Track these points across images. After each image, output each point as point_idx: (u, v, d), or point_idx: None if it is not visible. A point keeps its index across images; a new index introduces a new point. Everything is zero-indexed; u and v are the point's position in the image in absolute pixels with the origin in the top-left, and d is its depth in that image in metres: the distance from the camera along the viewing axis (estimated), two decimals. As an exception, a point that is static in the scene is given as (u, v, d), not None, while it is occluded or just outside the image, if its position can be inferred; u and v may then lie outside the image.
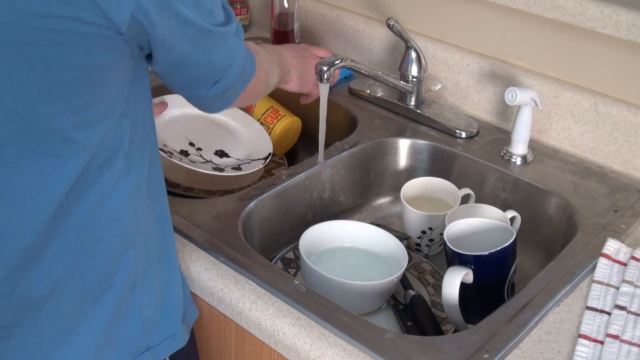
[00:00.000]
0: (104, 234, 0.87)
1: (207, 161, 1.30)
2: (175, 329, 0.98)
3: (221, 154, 1.32)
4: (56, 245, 0.84)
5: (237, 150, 1.35)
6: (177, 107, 1.34)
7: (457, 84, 1.42)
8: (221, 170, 1.27)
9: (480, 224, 1.09)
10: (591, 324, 0.94)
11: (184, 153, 1.29)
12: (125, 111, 0.85)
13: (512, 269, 1.05)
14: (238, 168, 1.29)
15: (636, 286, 0.99)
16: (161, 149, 1.21)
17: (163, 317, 0.96)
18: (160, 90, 1.25)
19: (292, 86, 1.25)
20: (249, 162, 1.31)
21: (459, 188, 1.23)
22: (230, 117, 1.40)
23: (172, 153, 1.26)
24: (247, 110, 1.44)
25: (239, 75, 0.92)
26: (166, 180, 1.28)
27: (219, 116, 1.38)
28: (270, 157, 1.33)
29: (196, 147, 1.32)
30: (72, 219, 0.84)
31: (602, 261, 1.04)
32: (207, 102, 0.95)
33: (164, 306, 0.96)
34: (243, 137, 1.38)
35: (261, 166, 1.30)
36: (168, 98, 1.34)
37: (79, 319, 0.89)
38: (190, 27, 0.82)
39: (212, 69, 0.89)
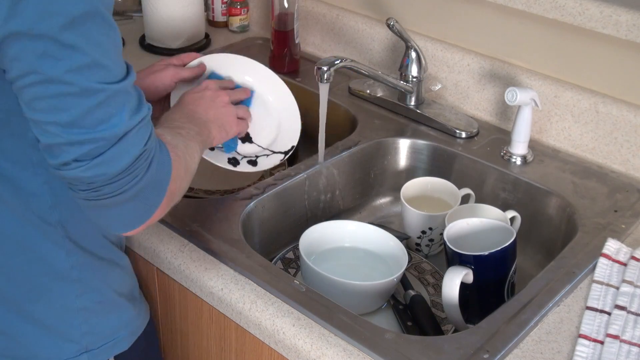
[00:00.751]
0: (28, 234, 0.89)
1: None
2: (116, 334, 0.99)
3: (245, 137, 1.22)
4: None
5: (263, 134, 1.24)
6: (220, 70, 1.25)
7: (457, 84, 1.42)
8: (236, 163, 1.19)
9: (480, 224, 1.09)
10: (591, 324, 0.94)
11: None
12: None
13: (512, 269, 1.05)
14: (254, 162, 1.21)
15: (636, 286, 0.99)
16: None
17: (105, 322, 0.98)
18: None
19: (217, 141, 1.11)
20: (267, 155, 1.23)
21: (459, 188, 1.23)
22: (266, 85, 1.28)
23: None
24: None
25: (133, 164, 0.79)
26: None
27: (262, 86, 1.27)
28: (292, 151, 1.24)
29: None
30: None
31: (602, 261, 1.04)
32: (104, 208, 0.81)
33: (105, 311, 0.97)
34: (275, 114, 1.27)
35: (279, 162, 1.23)
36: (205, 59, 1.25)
37: (13, 310, 0.92)
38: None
39: (72, 126, 0.76)
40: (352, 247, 1.16)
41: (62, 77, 0.73)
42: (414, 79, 1.38)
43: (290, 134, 1.26)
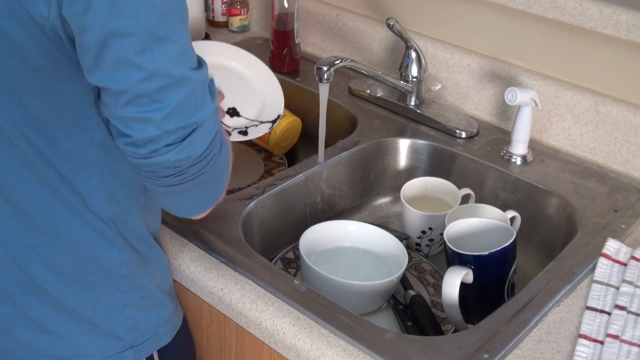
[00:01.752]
0: (81, 231, 0.89)
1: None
2: (158, 329, 0.99)
3: (233, 112, 1.26)
4: (31, 239, 0.89)
5: (249, 107, 1.28)
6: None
7: (457, 84, 1.42)
8: (228, 134, 1.19)
9: (480, 224, 1.09)
10: (591, 324, 0.94)
11: None
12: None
13: (512, 269, 1.05)
14: (244, 132, 1.24)
15: (636, 286, 0.99)
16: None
17: (148, 317, 0.98)
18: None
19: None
20: (256, 125, 1.26)
21: (459, 188, 1.23)
22: (246, 67, 1.32)
23: None
24: None
25: (211, 144, 0.83)
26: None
27: (239, 66, 1.31)
28: (279, 119, 1.26)
29: None
30: (48, 214, 0.88)
31: (602, 261, 1.04)
32: (178, 192, 0.85)
33: (150, 307, 0.98)
34: (258, 90, 1.31)
35: (268, 130, 1.25)
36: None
37: (61, 309, 0.92)
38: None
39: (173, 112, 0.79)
40: (352, 247, 1.16)
41: (164, 69, 0.75)
42: (414, 79, 1.38)
43: (275, 104, 1.28)
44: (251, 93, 1.30)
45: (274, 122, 1.26)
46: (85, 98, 0.82)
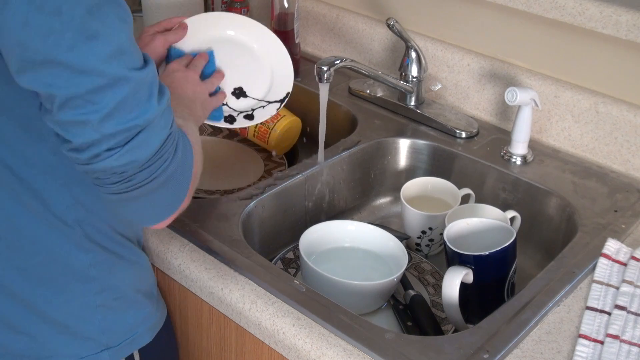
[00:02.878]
0: (45, 234, 0.89)
1: (223, 104, 1.17)
2: (136, 330, 0.99)
3: (239, 92, 1.19)
4: None
5: (256, 85, 1.21)
6: (197, 35, 1.21)
7: (457, 84, 1.42)
8: (233, 120, 1.16)
9: (480, 224, 1.09)
10: (591, 324, 0.94)
11: None
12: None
13: (512, 269, 1.05)
14: (251, 116, 1.18)
15: (636, 286, 0.99)
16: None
17: (123, 318, 0.98)
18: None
19: (203, 119, 1.10)
20: (263, 107, 1.20)
21: (459, 188, 1.23)
22: (254, 39, 1.25)
23: None
24: (242, 132, 1.43)
25: (161, 148, 0.78)
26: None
27: (245, 38, 1.24)
28: (287, 99, 1.21)
29: None
30: (7, 216, 0.87)
31: (602, 261, 1.04)
32: (133, 200, 0.80)
33: (124, 307, 0.97)
34: (266, 65, 1.24)
35: (275, 112, 1.20)
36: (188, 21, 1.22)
37: (33, 310, 0.92)
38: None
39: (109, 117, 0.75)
40: (352, 247, 1.16)
41: (95, 68, 0.71)
42: (414, 79, 1.38)
43: (284, 81, 1.24)
44: (259, 69, 1.23)
45: (282, 101, 1.21)
46: (31, 103, 0.79)
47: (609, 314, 0.96)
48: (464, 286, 1.00)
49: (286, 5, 1.49)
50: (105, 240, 0.94)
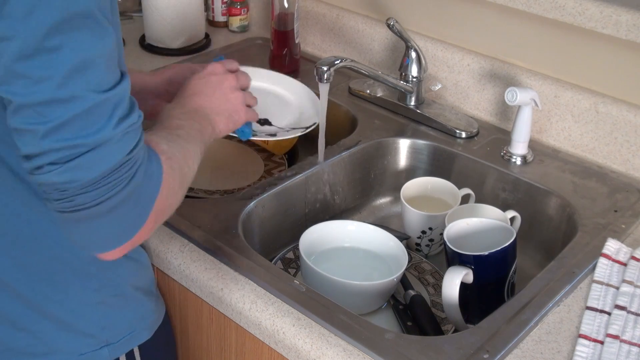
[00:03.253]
0: (43, 231, 0.88)
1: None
2: (135, 326, 0.99)
3: (264, 122, 1.20)
4: None
5: (282, 119, 1.22)
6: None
7: (457, 84, 1.42)
8: (254, 135, 1.15)
9: (480, 224, 1.09)
10: (591, 324, 0.94)
11: None
12: None
13: (512, 269, 1.05)
14: (273, 135, 1.19)
15: (636, 286, 0.99)
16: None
17: (123, 315, 0.98)
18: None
19: (224, 133, 1.03)
20: (287, 130, 1.20)
21: (459, 188, 1.23)
22: (282, 86, 1.28)
23: None
24: None
25: (114, 171, 0.73)
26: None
27: (273, 86, 1.27)
28: (313, 127, 1.21)
29: None
30: (3, 214, 0.87)
31: (602, 261, 1.04)
32: (82, 222, 0.75)
33: (124, 304, 0.97)
34: (294, 106, 1.26)
35: (299, 134, 1.20)
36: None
37: (32, 307, 0.91)
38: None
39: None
40: (352, 247, 1.16)
41: (51, 81, 0.69)
42: (414, 79, 1.38)
43: (310, 114, 1.25)
44: (284, 105, 1.26)
45: (307, 128, 1.21)
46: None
47: (609, 314, 0.96)
48: (464, 286, 1.00)
49: (286, 5, 1.49)
50: None
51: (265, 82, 1.28)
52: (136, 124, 0.76)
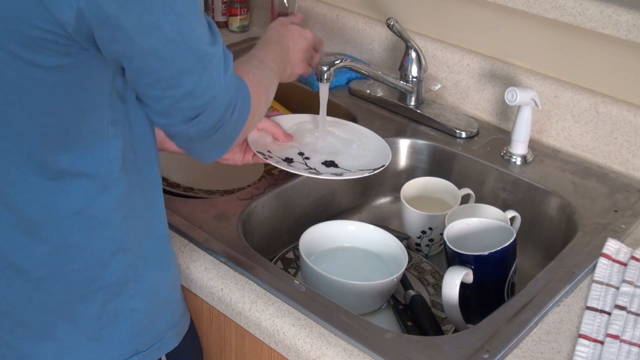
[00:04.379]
0: (89, 237, 0.87)
1: (310, 168, 1.17)
2: (164, 334, 0.98)
3: (329, 164, 1.19)
4: (36, 247, 0.86)
5: (348, 162, 1.20)
6: (291, 122, 1.27)
7: (457, 84, 1.42)
8: (318, 174, 1.16)
9: (480, 224, 1.09)
10: (591, 324, 0.94)
11: (288, 160, 1.17)
12: (114, 121, 0.84)
13: (512, 269, 1.05)
14: (339, 174, 1.17)
15: (636, 286, 0.99)
16: (260, 152, 1.15)
17: (154, 322, 0.96)
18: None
19: (284, 80, 1.17)
20: (354, 172, 1.17)
21: (459, 188, 1.23)
22: (349, 132, 1.27)
23: (271, 157, 1.16)
24: None
25: (224, 113, 0.85)
26: (166, 180, 1.28)
27: (339, 132, 1.27)
28: (381, 169, 1.18)
29: (304, 156, 1.20)
30: (54, 222, 0.85)
31: (602, 261, 1.04)
32: (194, 143, 0.89)
33: (156, 311, 0.96)
34: (361, 151, 1.23)
35: (367, 174, 1.17)
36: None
37: (64, 316, 0.90)
38: (157, 34, 0.75)
39: (187, 97, 0.81)
40: (352, 247, 1.16)
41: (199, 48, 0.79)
42: (414, 79, 1.38)
43: (379, 159, 1.21)
44: (353, 152, 1.23)
45: (374, 170, 1.18)
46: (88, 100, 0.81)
47: (609, 314, 0.96)
48: (464, 286, 1.00)
49: (286, 5, 1.49)
50: (144, 243, 0.92)
51: (335, 128, 1.27)
52: (232, 66, 0.87)
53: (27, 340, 0.91)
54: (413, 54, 1.36)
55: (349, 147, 1.23)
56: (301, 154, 1.20)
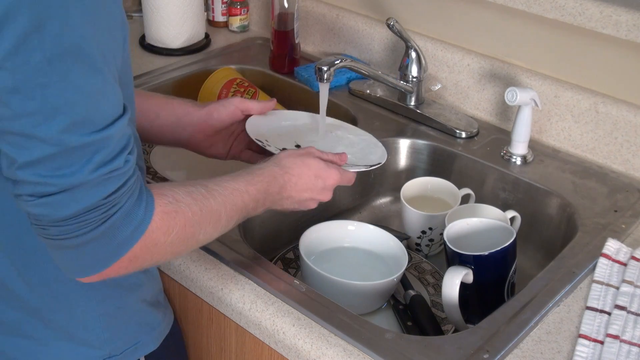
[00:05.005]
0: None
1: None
2: (139, 338, 0.98)
3: None
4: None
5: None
6: (291, 120, 1.24)
7: (457, 84, 1.42)
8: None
9: (480, 224, 1.09)
10: (591, 324, 0.94)
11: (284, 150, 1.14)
12: None
13: (512, 269, 1.05)
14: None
15: (636, 286, 0.99)
16: (259, 140, 1.10)
17: (126, 327, 0.96)
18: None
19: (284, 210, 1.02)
20: (350, 166, 1.12)
21: (459, 188, 1.23)
22: (344, 130, 1.25)
23: (269, 145, 1.11)
24: None
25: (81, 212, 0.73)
26: (165, 180, 1.28)
27: (340, 132, 1.23)
28: (377, 166, 1.14)
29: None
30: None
31: (602, 261, 1.04)
32: (48, 240, 0.76)
33: (127, 316, 0.96)
34: (355, 146, 1.21)
35: (363, 169, 1.13)
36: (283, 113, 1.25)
37: (35, 315, 0.91)
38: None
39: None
40: (352, 247, 1.16)
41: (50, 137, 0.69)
42: (414, 79, 1.38)
43: (374, 157, 1.19)
44: (348, 147, 1.21)
45: (371, 166, 1.14)
46: None
47: (609, 314, 0.96)
48: (464, 286, 1.00)
49: (286, 5, 1.49)
50: None
51: (334, 129, 1.25)
52: (121, 169, 0.74)
53: (1, 337, 0.92)
54: (413, 54, 1.36)
55: (351, 148, 1.23)
56: (298, 146, 1.19)
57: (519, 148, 1.27)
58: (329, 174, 1.01)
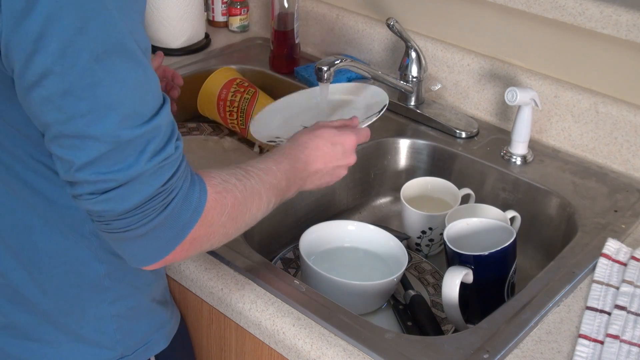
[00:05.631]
0: (61, 246, 0.88)
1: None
2: (150, 337, 0.98)
3: None
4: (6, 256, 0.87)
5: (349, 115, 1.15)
6: (287, 107, 1.25)
7: (457, 84, 1.42)
8: None
9: (480, 224, 1.09)
10: (591, 324, 0.94)
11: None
12: None
13: (512, 269, 1.05)
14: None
15: (636, 286, 0.99)
16: (271, 141, 1.11)
17: (138, 327, 0.97)
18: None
19: (311, 189, 1.03)
20: (362, 120, 1.14)
21: (459, 188, 1.23)
22: (346, 92, 1.26)
23: (282, 141, 1.11)
24: (242, 132, 1.42)
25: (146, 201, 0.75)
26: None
27: (334, 96, 1.24)
28: (384, 109, 1.15)
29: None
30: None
31: (602, 261, 1.04)
32: (112, 234, 0.77)
33: (139, 316, 0.96)
34: (359, 105, 1.23)
35: (374, 118, 1.15)
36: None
37: (47, 319, 0.91)
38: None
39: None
40: (352, 247, 1.16)
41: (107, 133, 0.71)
42: (414, 79, 1.38)
43: (376, 102, 1.20)
44: (353, 109, 1.23)
45: (379, 112, 1.16)
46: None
47: (609, 314, 0.96)
48: (464, 286, 1.00)
49: (286, 5, 1.49)
50: None
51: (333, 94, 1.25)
52: (172, 156, 0.76)
53: (12, 340, 0.92)
54: (413, 54, 1.36)
55: (354, 109, 1.22)
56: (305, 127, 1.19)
57: (519, 148, 1.27)
58: (344, 137, 1.01)
